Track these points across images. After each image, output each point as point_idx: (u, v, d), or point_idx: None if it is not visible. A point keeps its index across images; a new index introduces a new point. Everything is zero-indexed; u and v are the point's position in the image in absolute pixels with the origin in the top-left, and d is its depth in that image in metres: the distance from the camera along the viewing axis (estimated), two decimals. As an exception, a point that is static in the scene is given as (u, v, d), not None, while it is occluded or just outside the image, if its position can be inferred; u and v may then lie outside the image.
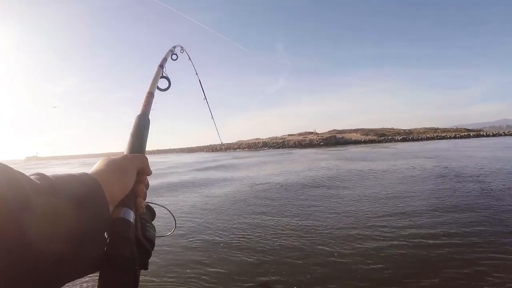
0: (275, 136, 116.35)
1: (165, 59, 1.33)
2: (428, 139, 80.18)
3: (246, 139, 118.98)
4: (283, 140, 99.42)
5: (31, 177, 0.49)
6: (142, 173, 0.74)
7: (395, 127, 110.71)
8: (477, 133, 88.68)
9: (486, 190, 9.88)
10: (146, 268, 0.65)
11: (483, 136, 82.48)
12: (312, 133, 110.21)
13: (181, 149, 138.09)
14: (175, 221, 0.99)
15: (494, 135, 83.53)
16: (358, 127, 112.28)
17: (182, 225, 7.69)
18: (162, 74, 1.23)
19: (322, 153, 42.00)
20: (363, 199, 9.65)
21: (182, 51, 1.63)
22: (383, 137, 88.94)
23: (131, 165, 0.70)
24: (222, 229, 7.31)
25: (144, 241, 0.66)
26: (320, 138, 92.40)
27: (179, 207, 10.13)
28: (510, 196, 9.04)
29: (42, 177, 0.51)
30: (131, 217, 0.64)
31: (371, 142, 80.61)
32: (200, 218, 8.44)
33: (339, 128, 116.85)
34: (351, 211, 8.19)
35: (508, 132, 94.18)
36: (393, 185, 11.61)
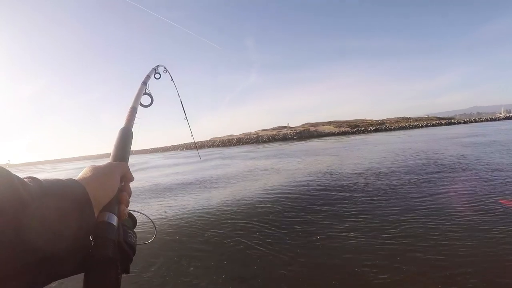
0: (248, 132, 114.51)
1: (148, 77, 1.41)
2: (400, 128, 79.65)
3: (219, 136, 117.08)
4: (256, 135, 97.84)
5: (25, 179, 0.52)
6: (125, 180, 0.80)
7: (367, 118, 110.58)
8: (449, 121, 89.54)
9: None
10: (127, 272, 0.70)
11: (454, 123, 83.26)
12: (285, 127, 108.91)
13: (154, 149, 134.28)
14: (155, 229, 1.12)
15: (465, 122, 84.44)
16: (331, 120, 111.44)
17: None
18: (145, 91, 1.29)
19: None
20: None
21: (165, 71, 1.70)
22: (356, 128, 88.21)
23: (115, 172, 0.75)
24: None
25: (125, 246, 0.70)
26: (293, 132, 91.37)
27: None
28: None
29: (34, 180, 0.54)
30: (115, 221, 0.69)
31: (345, 134, 79.54)
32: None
33: (312, 121, 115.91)
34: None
35: (478, 119, 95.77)
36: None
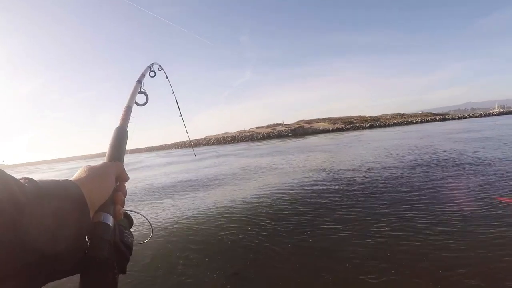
0: (243, 129, 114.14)
1: (143, 75, 1.41)
2: (395, 125, 79.68)
3: (214, 134, 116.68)
4: (251, 133, 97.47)
5: (20, 180, 0.52)
6: (120, 180, 0.80)
7: (362, 114, 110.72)
8: (443, 117, 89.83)
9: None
10: (124, 272, 0.70)
11: (448, 119, 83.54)
12: (280, 124, 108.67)
13: (149, 147, 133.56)
14: (152, 228, 1.09)
15: (459, 118, 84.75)
16: (326, 116, 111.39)
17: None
18: (140, 89, 1.29)
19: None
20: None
21: (160, 69, 1.73)
22: (350, 125, 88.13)
23: (110, 172, 0.75)
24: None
25: (122, 246, 0.70)
26: (288, 129, 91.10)
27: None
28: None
29: (30, 181, 0.54)
30: (110, 221, 0.68)
31: (339, 130, 79.38)
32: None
33: (307, 118, 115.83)
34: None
35: (473, 114, 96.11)
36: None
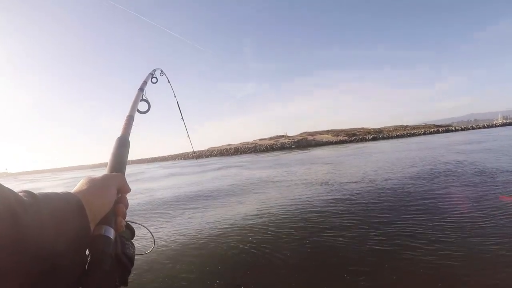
0: (246, 141, 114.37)
1: (145, 83, 1.38)
2: (398, 137, 79.57)
3: (217, 146, 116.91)
4: (254, 145, 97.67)
5: (19, 194, 0.51)
6: (121, 191, 0.80)
7: (365, 126, 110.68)
8: (446, 129, 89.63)
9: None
10: (126, 284, 0.70)
11: (451, 131, 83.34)
12: (283, 136, 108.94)
13: (152, 158, 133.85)
14: (153, 239, 1.09)
15: (462, 130, 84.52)
16: (329, 128, 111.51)
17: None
18: (142, 97, 1.28)
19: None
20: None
21: (161, 74, 1.70)
22: (353, 137, 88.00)
23: (111, 184, 0.75)
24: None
25: (124, 258, 0.69)
26: (291, 141, 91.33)
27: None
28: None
29: (28, 194, 0.53)
30: (112, 234, 0.68)
31: (342, 142, 79.34)
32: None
33: (310, 130, 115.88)
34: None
35: (476, 126, 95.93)
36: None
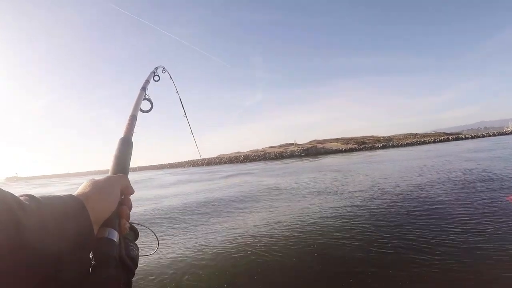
0: (256, 149, 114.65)
1: (147, 81, 1.37)
2: (408, 145, 79.17)
3: (227, 153, 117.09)
4: (264, 152, 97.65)
5: (21, 198, 0.51)
6: (125, 193, 0.79)
7: (375, 134, 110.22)
8: (456, 136, 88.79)
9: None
10: (130, 286, 0.69)
11: (462, 139, 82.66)
12: (292, 144, 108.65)
13: (161, 165, 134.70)
14: (158, 241, 1.04)
15: (472, 138, 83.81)
16: (338, 136, 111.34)
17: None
18: (144, 96, 1.26)
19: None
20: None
21: (164, 71, 1.66)
22: (363, 145, 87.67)
23: (114, 186, 0.74)
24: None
25: (127, 260, 0.69)
26: (300, 149, 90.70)
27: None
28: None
29: (30, 198, 0.52)
30: (115, 237, 0.67)
31: (352, 150, 78.99)
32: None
33: (320, 138, 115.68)
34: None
35: (486, 133, 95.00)
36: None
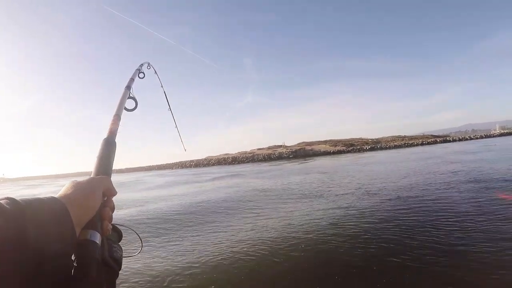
0: (244, 151, 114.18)
1: (132, 80, 1.36)
2: (396, 147, 79.52)
3: (215, 155, 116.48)
4: (252, 154, 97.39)
5: (1, 201, 0.50)
6: (107, 195, 0.79)
7: (363, 136, 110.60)
8: (444, 139, 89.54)
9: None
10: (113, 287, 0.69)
11: (449, 141, 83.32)
12: (281, 146, 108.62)
13: (149, 166, 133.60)
14: (141, 242, 1.07)
15: (460, 140, 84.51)
16: (327, 138, 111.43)
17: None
18: (129, 95, 1.25)
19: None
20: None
21: (149, 67, 1.65)
22: (351, 147, 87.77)
23: (97, 187, 0.74)
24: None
25: (111, 262, 0.68)
26: (289, 151, 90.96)
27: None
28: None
29: (11, 201, 0.52)
30: (98, 238, 0.67)
31: (340, 152, 79.21)
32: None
33: (308, 140, 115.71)
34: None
35: (473, 136, 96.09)
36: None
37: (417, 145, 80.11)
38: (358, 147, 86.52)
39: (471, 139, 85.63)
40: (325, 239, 6.45)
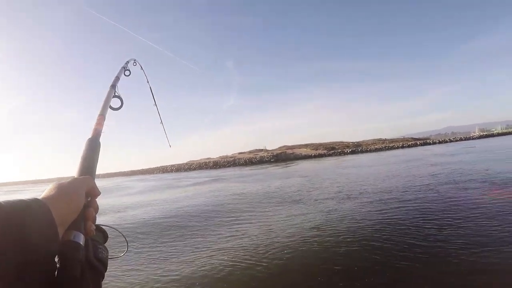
0: (225, 155, 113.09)
1: (117, 78, 1.33)
2: (376, 150, 79.89)
3: (197, 159, 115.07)
4: (233, 158, 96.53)
5: None
6: (91, 195, 0.77)
7: (344, 140, 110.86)
8: (424, 142, 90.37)
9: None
10: None
11: (429, 144, 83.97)
12: (262, 150, 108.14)
13: (132, 171, 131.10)
14: (127, 242, 1.05)
15: (440, 142, 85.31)
16: (308, 142, 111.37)
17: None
18: (114, 93, 1.22)
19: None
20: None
21: (135, 63, 1.61)
22: (332, 150, 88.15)
23: (80, 188, 0.73)
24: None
25: (96, 262, 0.68)
26: (270, 154, 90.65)
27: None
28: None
29: None
30: (81, 239, 0.66)
31: (321, 156, 79.08)
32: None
33: (290, 143, 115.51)
34: None
35: (453, 138, 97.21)
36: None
37: (398, 148, 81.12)
38: (339, 151, 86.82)
39: (451, 141, 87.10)
40: (307, 243, 6.46)
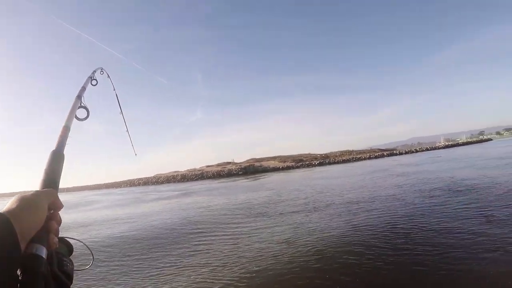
0: (193, 168, 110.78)
1: (83, 88, 1.32)
2: (344, 161, 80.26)
3: (164, 173, 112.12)
4: (201, 171, 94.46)
5: None
6: (54, 208, 0.76)
7: (312, 152, 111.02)
8: (391, 152, 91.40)
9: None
10: None
11: (396, 154, 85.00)
12: (230, 163, 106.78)
13: (97, 185, 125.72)
14: (92, 254, 1.03)
15: (406, 153, 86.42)
16: (276, 154, 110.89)
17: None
18: (80, 104, 1.21)
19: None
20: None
21: (102, 72, 1.65)
22: (300, 162, 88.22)
23: (42, 201, 0.72)
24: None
25: (61, 275, 0.67)
26: (238, 167, 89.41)
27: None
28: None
29: None
30: (44, 252, 0.65)
31: (289, 168, 78.63)
32: None
33: (257, 156, 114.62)
34: None
35: (419, 149, 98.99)
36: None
37: (365, 159, 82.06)
38: (307, 163, 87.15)
39: (417, 151, 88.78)
40: (276, 257, 6.47)
